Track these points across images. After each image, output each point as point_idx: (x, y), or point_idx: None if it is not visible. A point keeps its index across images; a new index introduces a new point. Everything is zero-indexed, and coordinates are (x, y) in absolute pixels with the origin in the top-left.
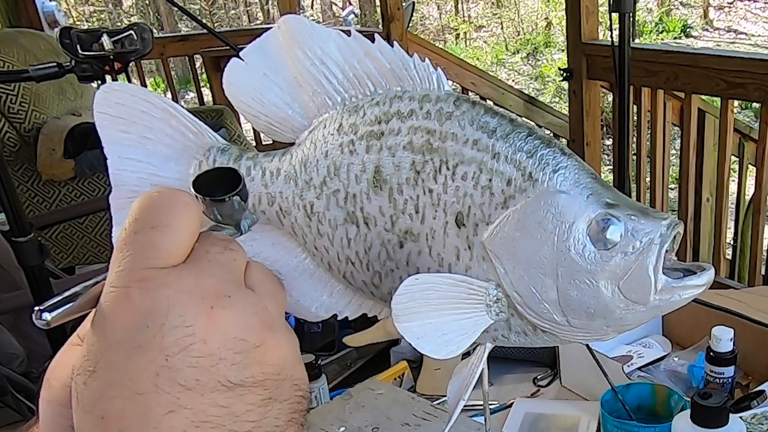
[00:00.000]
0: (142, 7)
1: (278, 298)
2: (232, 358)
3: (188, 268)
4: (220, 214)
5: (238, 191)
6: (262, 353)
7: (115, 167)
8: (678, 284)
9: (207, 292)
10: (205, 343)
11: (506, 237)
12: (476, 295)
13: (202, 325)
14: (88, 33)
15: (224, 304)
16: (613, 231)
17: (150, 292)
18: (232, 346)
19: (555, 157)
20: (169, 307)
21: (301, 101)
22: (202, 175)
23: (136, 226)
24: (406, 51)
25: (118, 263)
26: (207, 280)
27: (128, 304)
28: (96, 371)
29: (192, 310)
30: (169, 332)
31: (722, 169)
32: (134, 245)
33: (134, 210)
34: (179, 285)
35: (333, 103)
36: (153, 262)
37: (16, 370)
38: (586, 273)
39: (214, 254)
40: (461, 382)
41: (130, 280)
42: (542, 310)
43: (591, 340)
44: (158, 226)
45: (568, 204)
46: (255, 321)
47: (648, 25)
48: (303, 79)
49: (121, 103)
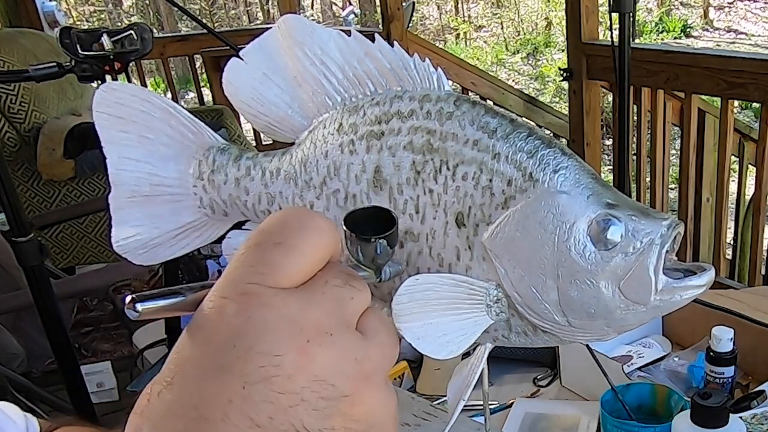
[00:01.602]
0: (142, 7)
1: (388, 351)
2: (315, 403)
3: (297, 295)
4: (362, 254)
5: (387, 235)
6: (349, 405)
7: (114, 167)
8: (678, 284)
9: (308, 324)
10: (289, 379)
11: (507, 237)
12: (477, 296)
13: (292, 358)
14: (88, 33)
15: (322, 341)
16: (613, 231)
17: (247, 310)
18: (318, 389)
19: (555, 157)
20: (263, 331)
21: (301, 101)
22: (360, 210)
23: (260, 239)
24: (406, 51)
25: (228, 272)
26: (313, 311)
27: (221, 318)
28: (172, 384)
29: (285, 340)
30: (255, 358)
31: (722, 169)
32: (250, 257)
33: (264, 222)
34: (281, 310)
35: (333, 103)
36: (263, 279)
37: (16, 370)
38: (586, 273)
39: (332, 286)
40: (461, 382)
41: (232, 292)
42: (543, 311)
43: (591, 340)
44: (282, 243)
45: (569, 204)
46: (351, 368)
47: (648, 25)
48: (303, 78)
49: (120, 102)
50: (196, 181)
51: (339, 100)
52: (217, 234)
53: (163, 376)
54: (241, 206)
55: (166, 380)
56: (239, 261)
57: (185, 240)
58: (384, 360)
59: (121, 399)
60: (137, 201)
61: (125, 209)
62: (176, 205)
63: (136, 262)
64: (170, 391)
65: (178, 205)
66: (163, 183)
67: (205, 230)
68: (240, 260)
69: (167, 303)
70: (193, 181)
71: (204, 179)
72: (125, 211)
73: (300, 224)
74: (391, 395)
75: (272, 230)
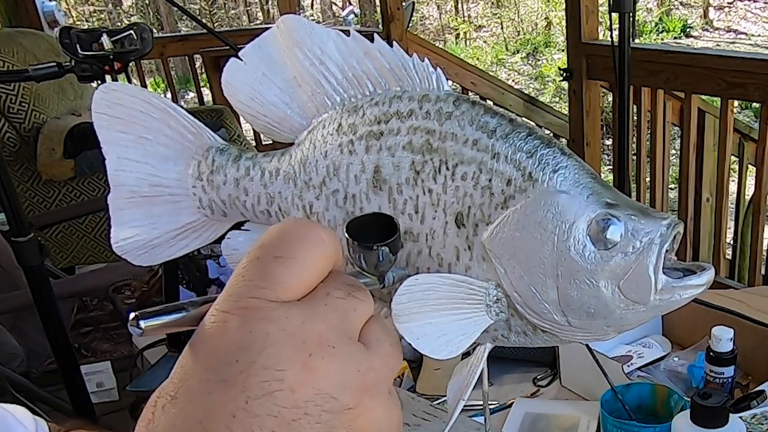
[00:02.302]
0: (141, 7)
1: (391, 361)
2: (318, 416)
3: (298, 308)
4: (365, 262)
5: (389, 242)
6: (352, 418)
7: (113, 167)
8: (678, 284)
9: (310, 337)
10: (292, 393)
11: (506, 237)
12: (476, 296)
13: (295, 372)
14: (88, 33)
15: (325, 354)
16: (613, 231)
17: (249, 324)
18: (321, 402)
19: (555, 157)
20: (265, 345)
21: (300, 101)
22: (360, 218)
23: (260, 252)
24: (405, 51)
25: (230, 287)
26: (315, 324)
27: (223, 332)
28: (176, 398)
29: (288, 354)
30: (257, 372)
31: (722, 169)
32: (250, 271)
33: (264, 235)
34: (283, 323)
35: (332, 103)
36: (264, 293)
37: (15, 370)
38: (586, 273)
39: (333, 298)
40: (461, 382)
41: (233, 307)
42: (542, 310)
43: (591, 339)
44: (282, 257)
45: (568, 204)
46: (354, 380)
47: (648, 25)
48: (302, 79)
49: (119, 103)
50: (195, 181)
51: (338, 100)
52: (216, 234)
53: (167, 390)
54: (241, 206)
55: (170, 394)
56: (240, 275)
57: (184, 240)
58: (387, 370)
59: (120, 399)
60: (136, 201)
61: (124, 210)
62: (175, 205)
63: (135, 262)
64: (174, 405)
65: (177, 206)
66: (162, 183)
67: (204, 231)
68: (240, 274)
69: (170, 319)
70: (192, 182)
71: (203, 180)
72: (124, 211)
73: (299, 236)
74: (395, 405)
75: (272, 243)
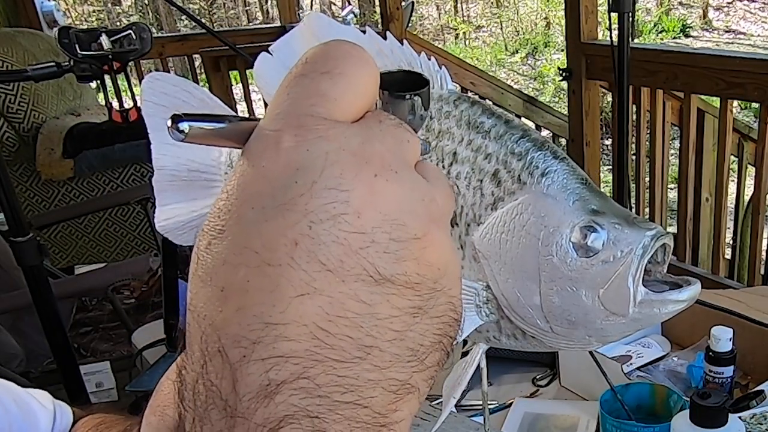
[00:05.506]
0: (141, 7)
1: (449, 200)
2: (387, 245)
3: (356, 128)
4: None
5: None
6: (421, 248)
7: (157, 152)
8: (657, 298)
9: (373, 158)
10: (359, 217)
11: (494, 239)
12: (467, 295)
13: (361, 193)
14: (87, 33)
15: (389, 176)
16: (595, 239)
17: (307, 143)
18: (389, 229)
19: (545, 160)
20: (326, 164)
21: None
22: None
23: (304, 69)
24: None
25: (275, 106)
26: (375, 146)
27: (277, 153)
28: (224, 231)
29: (352, 173)
30: (320, 193)
31: (721, 169)
32: (299, 88)
33: (306, 54)
34: (342, 142)
35: None
36: (318, 110)
37: (15, 370)
38: (567, 280)
39: (388, 125)
40: (455, 380)
41: (286, 125)
42: (526, 315)
43: (575, 348)
44: (331, 72)
45: (553, 209)
46: (420, 208)
47: (647, 25)
48: None
49: (164, 92)
50: (227, 168)
51: None
52: None
53: (211, 225)
54: None
55: (216, 228)
56: (284, 93)
57: None
58: (447, 206)
59: (120, 399)
60: (177, 185)
61: (167, 192)
62: (210, 190)
63: (176, 242)
64: (223, 239)
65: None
66: (198, 169)
67: None
68: (285, 92)
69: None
70: (224, 168)
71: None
72: (167, 193)
73: (345, 53)
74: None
75: (316, 59)
